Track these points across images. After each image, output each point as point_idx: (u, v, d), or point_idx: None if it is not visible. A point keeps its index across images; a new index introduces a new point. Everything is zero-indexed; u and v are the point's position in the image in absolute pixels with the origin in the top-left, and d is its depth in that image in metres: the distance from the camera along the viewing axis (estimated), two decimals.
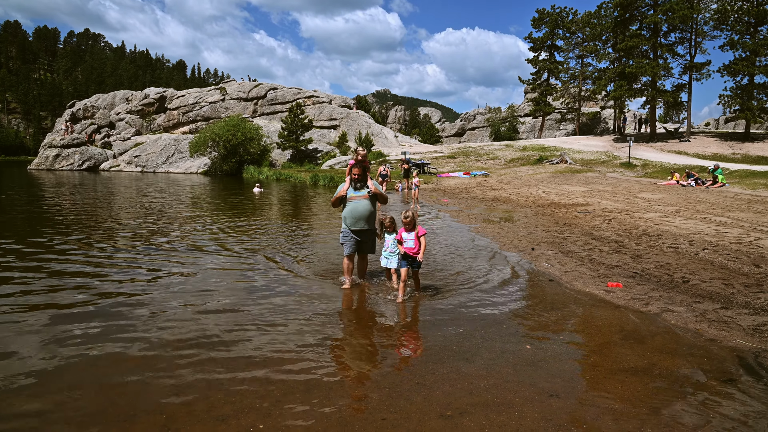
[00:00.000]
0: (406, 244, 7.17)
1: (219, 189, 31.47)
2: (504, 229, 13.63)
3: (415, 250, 7.12)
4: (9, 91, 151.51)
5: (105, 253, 10.22)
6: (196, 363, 4.93)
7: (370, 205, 7.83)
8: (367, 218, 7.77)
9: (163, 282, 7.98)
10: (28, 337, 5.54)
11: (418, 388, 4.45)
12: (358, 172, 7.82)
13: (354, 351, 5.36)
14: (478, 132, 79.79)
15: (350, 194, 7.83)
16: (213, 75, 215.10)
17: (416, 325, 6.17)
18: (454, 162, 41.54)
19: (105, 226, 14.01)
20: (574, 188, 23.55)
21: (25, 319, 6.08)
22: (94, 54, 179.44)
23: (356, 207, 7.72)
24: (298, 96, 64.51)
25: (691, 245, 10.80)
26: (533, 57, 60.28)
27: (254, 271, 8.85)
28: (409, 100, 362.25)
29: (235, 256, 10.18)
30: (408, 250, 7.15)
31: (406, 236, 7.18)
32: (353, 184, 7.87)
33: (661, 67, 42.61)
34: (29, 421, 3.83)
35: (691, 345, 5.47)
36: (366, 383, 4.59)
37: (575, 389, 4.45)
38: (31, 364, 4.84)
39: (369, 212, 7.78)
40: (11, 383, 4.45)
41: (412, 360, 5.07)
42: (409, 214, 7.13)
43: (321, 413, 4.03)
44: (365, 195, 7.79)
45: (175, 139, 59.37)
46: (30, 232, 12.73)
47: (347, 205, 7.80)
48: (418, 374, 4.73)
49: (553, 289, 7.77)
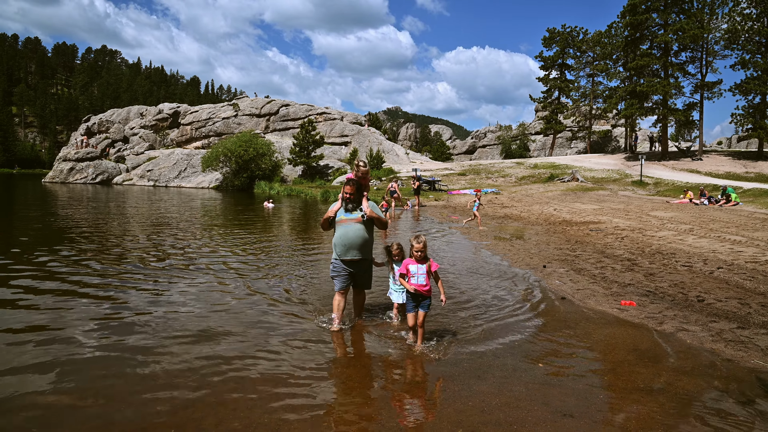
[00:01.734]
0: (415, 279, 5.78)
1: (230, 204, 31.62)
2: (515, 247, 13.54)
3: (427, 287, 5.77)
4: (27, 106, 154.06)
5: (115, 270, 10.27)
6: (205, 380, 4.90)
7: (365, 230, 6.58)
8: (361, 246, 6.52)
9: (164, 300, 7.99)
10: (31, 351, 5.54)
11: (429, 405, 4.39)
12: (350, 191, 6.55)
13: (361, 369, 5.31)
14: (489, 150, 79.80)
15: (340, 216, 6.59)
16: (226, 91, 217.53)
17: (425, 346, 6.10)
18: (465, 179, 41.51)
19: (116, 243, 14.09)
20: (586, 206, 23.41)
21: (27, 337, 6.10)
22: (110, 70, 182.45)
23: (347, 232, 6.48)
24: (309, 113, 64.98)
25: (705, 264, 10.66)
26: (544, 75, 60.38)
27: (234, 300, 7.73)
28: (420, 117, 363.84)
29: (218, 280, 9.13)
30: (418, 287, 5.74)
31: (415, 269, 5.79)
32: (344, 204, 6.61)
33: (673, 85, 42.51)
34: (35, 427, 3.81)
35: (708, 365, 5.36)
36: (375, 401, 4.53)
37: (589, 409, 4.36)
38: (37, 377, 4.84)
39: (363, 239, 6.53)
40: (15, 395, 4.44)
41: (422, 377, 5.00)
42: (422, 239, 5.75)
43: (330, 429, 3.98)
44: (358, 218, 6.55)
45: (187, 154, 59.92)
46: (25, 246, 12.82)
47: (337, 230, 6.60)
48: (428, 391, 4.66)
49: (565, 307, 7.68)
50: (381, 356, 5.63)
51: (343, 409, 4.35)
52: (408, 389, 4.72)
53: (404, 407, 4.36)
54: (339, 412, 4.29)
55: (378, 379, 4.96)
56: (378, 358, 5.58)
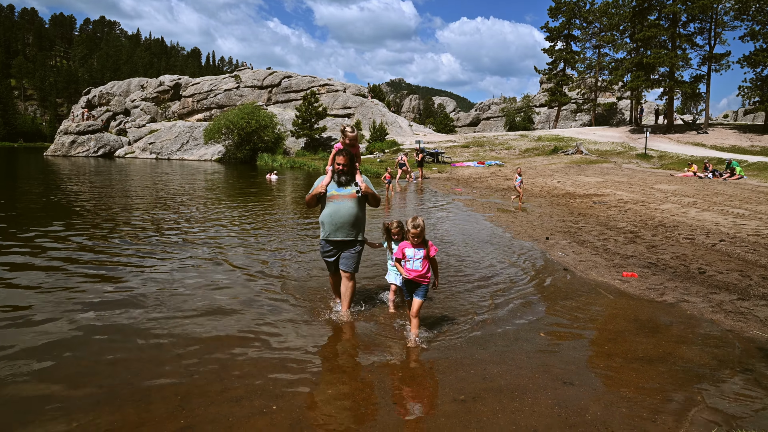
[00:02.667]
0: (411, 264, 5.17)
1: (233, 177, 31.60)
2: (518, 219, 13.55)
3: (423, 272, 5.17)
4: (26, 78, 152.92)
5: (127, 244, 10.33)
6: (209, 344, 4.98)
7: (358, 207, 5.84)
8: (353, 225, 5.81)
9: (165, 275, 8.06)
10: (40, 322, 5.62)
11: (432, 373, 4.46)
12: (343, 162, 5.79)
13: (368, 336, 5.37)
14: (493, 122, 79.20)
15: (331, 192, 5.81)
16: (228, 63, 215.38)
17: (425, 311, 6.15)
18: (469, 151, 41.32)
19: (119, 219, 14.13)
20: (589, 179, 23.34)
21: (36, 304, 6.18)
22: (109, 41, 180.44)
23: (338, 210, 5.74)
24: (312, 84, 64.42)
25: (707, 236, 10.67)
26: (549, 47, 59.52)
27: (234, 278, 7.53)
28: (424, 89, 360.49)
29: (222, 255, 8.92)
30: (413, 273, 5.15)
31: (412, 254, 5.18)
32: (336, 177, 5.86)
33: (680, 57, 41.89)
34: (44, 401, 3.89)
35: (707, 335, 5.42)
36: (378, 368, 4.60)
37: (589, 377, 4.42)
38: (44, 348, 4.91)
39: (356, 218, 5.81)
40: (26, 364, 4.52)
41: (425, 345, 5.06)
42: (419, 222, 5.07)
43: (332, 396, 4.05)
44: (352, 194, 5.79)
45: (189, 126, 59.65)
46: (28, 221, 12.88)
47: (327, 207, 5.82)
48: (431, 359, 4.73)
49: (567, 278, 7.72)
50: (374, 335, 5.68)
51: (341, 377, 4.43)
52: (410, 357, 4.79)
53: (406, 374, 4.43)
54: (338, 380, 4.36)
55: (378, 349, 5.02)
56: (371, 337, 5.63)
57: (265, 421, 3.64)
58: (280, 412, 3.76)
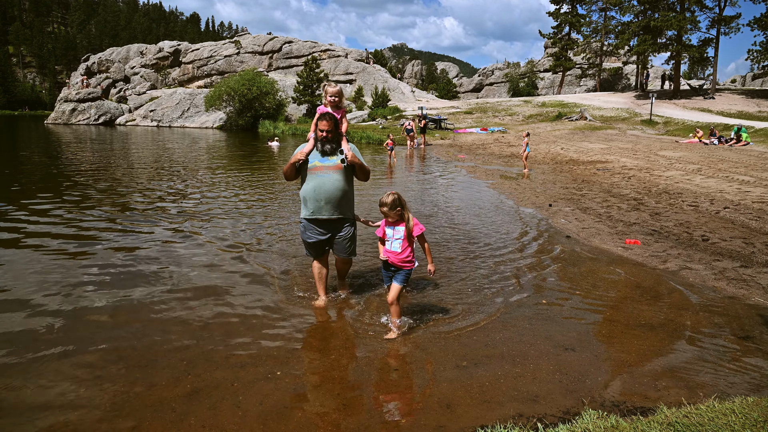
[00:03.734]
0: (389, 244, 4.57)
1: (235, 145, 31.46)
2: (521, 186, 13.50)
3: (404, 256, 4.52)
4: (23, 45, 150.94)
5: (134, 214, 10.35)
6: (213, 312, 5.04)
7: (345, 180, 5.07)
8: (339, 201, 5.04)
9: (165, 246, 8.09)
10: (46, 287, 5.67)
11: (434, 339, 4.50)
12: (327, 128, 4.97)
13: (372, 304, 5.40)
14: (496, 88, 78.30)
15: (314, 162, 5.03)
16: (227, 28, 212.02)
17: (431, 281, 6.17)
18: (472, 118, 40.95)
19: (127, 190, 14.12)
20: (594, 145, 23.17)
21: (44, 269, 6.22)
22: (107, 6, 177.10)
23: (322, 183, 4.97)
24: (313, 50, 63.56)
25: (711, 204, 10.63)
26: (555, 10, 58.35)
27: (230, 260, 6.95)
28: (426, 54, 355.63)
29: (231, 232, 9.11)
30: (391, 255, 4.56)
31: (391, 233, 4.56)
32: (319, 145, 5.05)
33: (688, 20, 40.99)
34: (51, 365, 3.95)
35: (709, 302, 5.44)
36: (381, 335, 4.64)
37: (591, 343, 4.46)
38: (50, 314, 4.97)
39: (342, 192, 5.04)
40: (33, 329, 4.58)
41: (427, 313, 5.10)
42: (389, 199, 4.41)
43: (336, 362, 4.10)
44: (337, 165, 5.01)
45: (190, 93, 59.14)
46: (24, 193, 12.88)
47: (308, 180, 5.03)
48: (433, 326, 4.77)
49: (570, 246, 7.73)
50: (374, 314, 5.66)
51: (345, 343, 4.47)
52: (412, 326, 4.83)
53: (409, 341, 4.47)
54: (341, 346, 4.41)
55: (383, 316, 5.06)
56: (375, 313, 5.64)
57: (270, 386, 3.69)
58: (285, 377, 3.81)
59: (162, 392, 3.59)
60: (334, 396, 3.60)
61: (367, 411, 3.43)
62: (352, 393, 3.66)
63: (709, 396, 3.48)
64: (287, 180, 5.21)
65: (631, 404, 3.47)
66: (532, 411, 3.40)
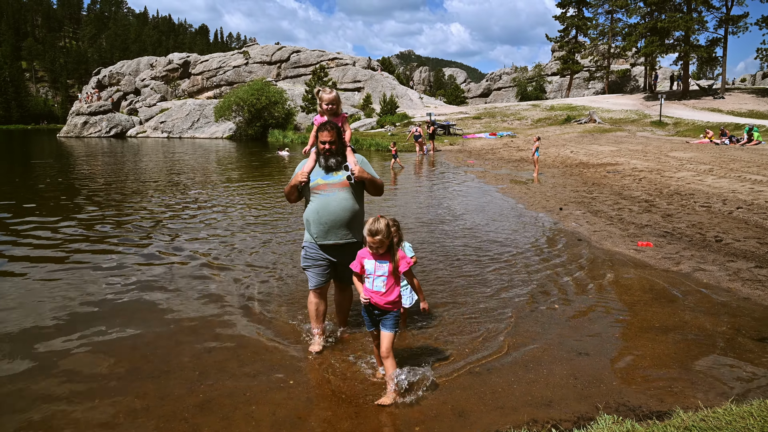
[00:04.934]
0: (370, 282, 3.69)
1: (245, 155, 31.63)
2: (531, 190, 13.46)
3: (392, 297, 3.67)
4: (36, 60, 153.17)
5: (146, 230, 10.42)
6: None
7: (352, 199, 4.38)
8: (349, 223, 4.36)
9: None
10: (58, 301, 5.72)
11: (445, 345, 4.48)
12: (330, 138, 4.30)
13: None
14: (504, 92, 78.18)
15: (316, 180, 4.37)
16: (236, 39, 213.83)
17: (441, 287, 6.15)
18: (480, 123, 40.92)
19: (144, 200, 14.23)
20: (603, 148, 23.05)
21: (55, 282, 6.28)
22: (117, 20, 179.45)
23: (327, 204, 4.30)
24: (321, 59, 63.90)
25: (724, 204, 10.53)
26: (561, 13, 58.24)
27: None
28: (434, 60, 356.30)
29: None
30: (375, 296, 3.67)
31: (371, 267, 3.67)
32: (322, 161, 4.39)
33: (696, 20, 40.74)
34: (67, 378, 3.97)
35: (724, 304, 5.37)
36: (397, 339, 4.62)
37: (605, 348, 4.42)
38: (64, 325, 5.01)
39: (351, 213, 4.36)
40: (48, 343, 4.61)
41: (439, 318, 5.08)
42: (376, 227, 3.52)
43: (348, 369, 4.09)
44: (343, 182, 4.34)
45: (199, 104, 59.62)
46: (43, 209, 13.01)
47: (312, 201, 4.40)
48: (446, 332, 4.75)
49: (581, 249, 7.68)
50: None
51: (358, 344, 4.46)
52: (424, 331, 4.81)
53: (418, 343, 4.45)
54: (357, 348, 4.40)
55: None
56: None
57: (283, 395, 3.69)
58: (297, 386, 3.81)
59: (175, 403, 3.60)
60: (345, 403, 3.59)
61: (378, 419, 3.41)
62: (363, 400, 3.64)
63: (726, 399, 3.43)
64: (290, 202, 4.70)
65: (647, 408, 3.44)
66: (546, 416, 3.37)
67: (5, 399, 3.65)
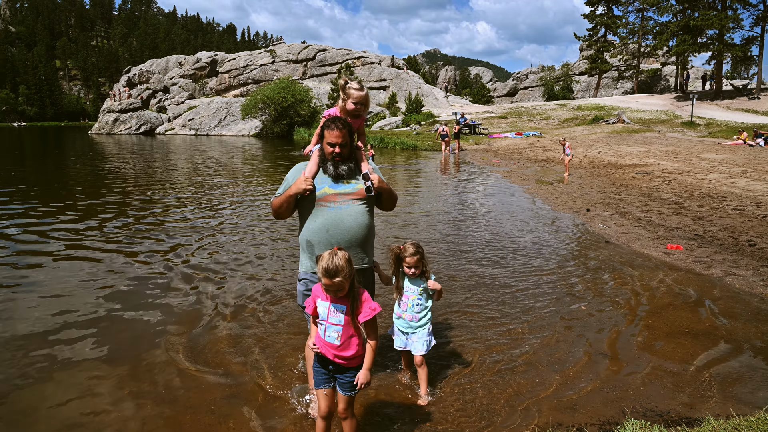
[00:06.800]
0: (322, 329, 2.84)
1: (270, 152, 31.89)
2: (557, 190, 13.29)
3: (347, 352, 2.81)
4: (69, 59, 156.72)
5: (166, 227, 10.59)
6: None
7: (368, 212, 3.47)
8: (364, 242, 3.44)
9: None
10: (85, 294, 5.83)
11: (469, 344, 4.45)
12: (341, 140, 3.30)
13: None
14: (531, 92, 77.38)
15: (323, 190, 3.36)
16: (262, 38, 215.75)
17: (466, 284, 6.11)
18: (506, 122, 40.58)
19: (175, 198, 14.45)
20: (632, 149, 22.65)
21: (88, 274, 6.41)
22: (147, 20, 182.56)
23: (340, 220, 3.33)
24: (347, 57, 64.07)
25: (758, 207, 10.26)
26: (590, 12, 57.35)
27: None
28: (459, 59, 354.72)
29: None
30: (327, 348, 2.84)
31: (325, 312, 2.81)
32: (330, 167, 3.37)
33: (730, 18, 39.68)
34: (75, 371, 4.06)
35: (757, 310, 5.23)
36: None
37: (632, 351, 4.34)
38: (76, 315, 5.12)
39: (369, 230, 3.46)
40: (55, 325, 4.72)
41: (464, 318, 5.05)
42: (335, 263, 2.64)
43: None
44: (358, 192, 3.39)
45: (226, 102, 60.29)
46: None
47: (315, 215, 3.38)
48: (470, 331, 4.72)
49: (609, 251, 7.56)
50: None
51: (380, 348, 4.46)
52: (449, 332, 4.79)
53: (443, 344, 4.43)
54: (379, 352, 4.39)
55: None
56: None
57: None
58: None
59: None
60: (363, 405, 3.59)
61: (400, 421, 3.40)
62: (384, 399, 3.64)
63: (759, 407, 3.34)
64: (278, 218, 3.55)
65: (676, 414, 3.36)
66: (571, 420, 3.33)
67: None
